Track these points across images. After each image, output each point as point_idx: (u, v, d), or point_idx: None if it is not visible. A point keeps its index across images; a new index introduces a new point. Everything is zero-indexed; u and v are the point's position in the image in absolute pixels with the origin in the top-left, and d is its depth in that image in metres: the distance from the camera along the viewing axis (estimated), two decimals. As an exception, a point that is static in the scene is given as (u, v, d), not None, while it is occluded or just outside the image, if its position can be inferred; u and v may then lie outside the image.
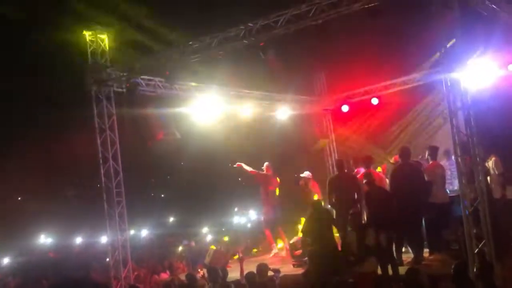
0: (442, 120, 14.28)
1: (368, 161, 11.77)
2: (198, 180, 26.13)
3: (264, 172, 13.74)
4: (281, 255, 13.45)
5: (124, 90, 11.89)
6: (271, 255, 13.57)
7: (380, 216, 9.64)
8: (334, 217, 11.01)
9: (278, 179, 13.96)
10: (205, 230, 22.90)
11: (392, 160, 12.54)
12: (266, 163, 13.87)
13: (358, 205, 10.91)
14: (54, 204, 23.07)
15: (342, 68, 15.70)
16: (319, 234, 10.18)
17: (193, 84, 13.23)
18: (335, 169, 13.65)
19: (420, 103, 15.67)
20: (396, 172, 10.64)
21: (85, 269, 15.34)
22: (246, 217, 27.33)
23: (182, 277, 11.72)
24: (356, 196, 11.02)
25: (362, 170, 11.78)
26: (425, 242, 10.51)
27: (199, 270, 11.39)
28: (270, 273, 9.60)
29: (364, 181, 10.58)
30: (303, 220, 11.64)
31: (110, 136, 11.83)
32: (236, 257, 12.66)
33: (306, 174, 13.81)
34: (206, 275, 10.11)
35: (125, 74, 11.86)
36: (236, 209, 29.29)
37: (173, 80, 12.17)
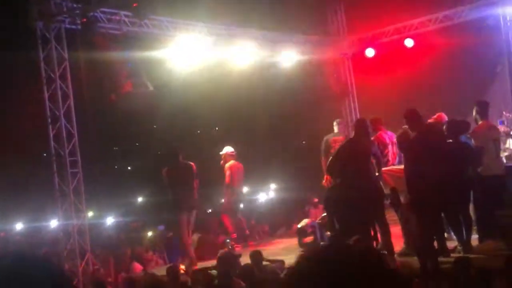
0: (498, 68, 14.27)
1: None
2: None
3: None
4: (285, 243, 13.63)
5: (79, 27, 11.86)
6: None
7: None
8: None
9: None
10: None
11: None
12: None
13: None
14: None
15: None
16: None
17: (170, 19, 13.19)
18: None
19: (468, 46, 15.62)
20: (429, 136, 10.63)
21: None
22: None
23: (157, 271, 11.87)
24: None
25: (389, 134, 11.85)
26: (474, 226, 10.60)
27: (180, 265, 11.54)
28: (265, 263, 9.79)
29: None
30: None
31: (61, 88, 11.83)
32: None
33: (226, 150, 14.08)
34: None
35: (79, 5, 11.80)
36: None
37: (144, 14, 12.11)
